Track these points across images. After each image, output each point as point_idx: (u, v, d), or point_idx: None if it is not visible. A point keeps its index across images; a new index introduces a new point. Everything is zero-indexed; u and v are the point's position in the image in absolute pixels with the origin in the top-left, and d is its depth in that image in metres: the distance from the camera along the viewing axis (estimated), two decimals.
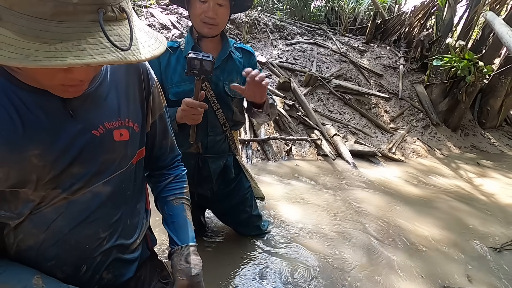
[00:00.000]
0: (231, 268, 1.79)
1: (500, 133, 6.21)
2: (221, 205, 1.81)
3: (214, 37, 1.41)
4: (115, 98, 0.71)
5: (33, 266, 0.68)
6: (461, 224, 2.67)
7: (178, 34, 4.56)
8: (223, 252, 1.92)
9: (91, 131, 0.66)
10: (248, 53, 1.54)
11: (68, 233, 0.67)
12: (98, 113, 0.68)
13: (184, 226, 0.84)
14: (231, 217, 1.90)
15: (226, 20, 1.39)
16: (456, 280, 1.94)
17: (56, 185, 0.64)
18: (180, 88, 1.42)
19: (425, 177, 3.80)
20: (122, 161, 0.73)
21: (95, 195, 0.69)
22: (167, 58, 1.44)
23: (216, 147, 1.57)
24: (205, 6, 1.29)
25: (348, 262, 1.96)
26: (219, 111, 1.49)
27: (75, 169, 0.65)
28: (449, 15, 6.17)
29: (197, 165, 1.57)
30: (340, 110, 4.96)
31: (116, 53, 0.47)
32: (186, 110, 1.26)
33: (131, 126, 0.74)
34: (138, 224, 0.83)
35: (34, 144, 0.59)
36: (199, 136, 1.47)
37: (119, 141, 0.71)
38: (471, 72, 4.96)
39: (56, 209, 0.65)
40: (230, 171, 1.65)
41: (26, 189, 0.61)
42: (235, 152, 1.66)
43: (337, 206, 2.71)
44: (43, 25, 0.44)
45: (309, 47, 5.86)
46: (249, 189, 1.80)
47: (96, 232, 0.71)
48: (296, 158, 3.87)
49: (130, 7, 0.55)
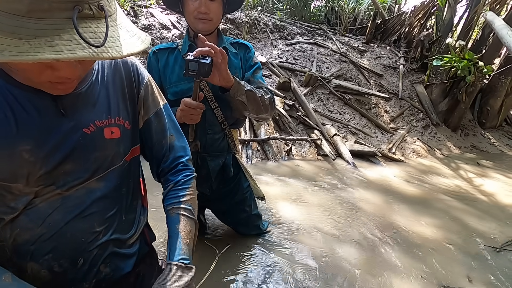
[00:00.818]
0: (228, 267, 1.80)
1: (500, 133, 6.21)
2: (220, 204, 1.81)
3: (210, 34, 1.42)
4: (106, 97, 0.73)
5: (30, 259, 0.70)
6: (461, 224, 2.67)
7: (178, 34, 4.56)
8: (221, 250, 1.92)
9: (82, 129, 0.68)
10: (244, 46, 1.54)
11: (63, 226, 0.69)
12: (89, 112, 0.70)
13: (174, 240, 0.79)
14: (231, 216, 1.90)
15: (220, 15, 1.40)
16: (456, 280, 1.94)
17: (49, 181, 0.66)
18: (178, 87, 1.43)
19: (425, 177, 3.80)
20: (115, 158, 0.75)
21: (89, 191, 0.71)
22: (165, 59, 1.45)
23: (215, 146, 1.57)
24: (197, 3, 1.32)
25: (347, 262, 1.96)
26: (217, 109, 1.49)
27: (67, 166, 0.67)
28: (449, 15, 6.17)
29: (196, 163, 1.58)
30: (340, 110, 4.96)
31: (89, 49, 0.48)
32: (184, 110, 1.28)
33: (121, 123, 0.75)
34: (134, 220, 0.84)
35: (26, 140, 0.62)
36: (197, 135, 1.48)
37: (110, 139, 0.72)
38: (471, 72, 4.96)
39: (50, 203, 0.67)
40: (229, 170, 1.66)
41: (18, 184, 0.63)
42: (234, 151, 1.67)
43: (337, 206, 2.71)
44: (19, 21, 0.45)
45: (309, 47, 5.86)
46: (249, 189, 1.80)
47: (91, 226, 0.72)
48: (296, 158, 3.87)
49: (114, 6, 0.56)
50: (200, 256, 1.79)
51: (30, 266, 0.70)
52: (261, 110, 1.46)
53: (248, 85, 1.40)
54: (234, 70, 1.47)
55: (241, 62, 1.53)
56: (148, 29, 4.44)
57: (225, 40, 1.51)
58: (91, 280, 0.76)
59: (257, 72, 1.55)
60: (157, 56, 1.46)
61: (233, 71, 1.45)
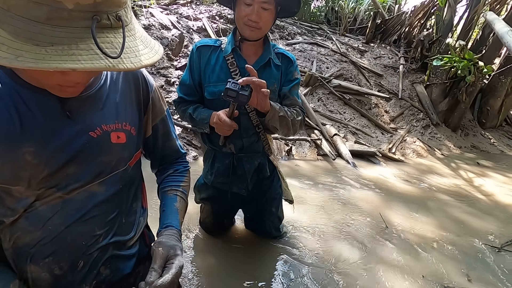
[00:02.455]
0: (228, 266, 1.80)
1: (500, 133, 6.21)
2: (253, 205, 1.80)
3: (256, 41, 1.39)
4: (114, 102, 0.74)
5: (31, 262, 0.70)
6: (461, 224, 2.67)
7: (178, 34, 4.56)
8: (221, 249, 1.92)
9: (88, 132, 0.68)
10: (287, 59, 1.50)
11: (64, 230, 0.69)
12: (96, 116, 0.70)
13: (173, 214, 0.87)
14: (258, 217, 1.89)
15: (270, 25, 1.36)
16: (456, 280, 1.94)
17: (51, 184, 0.65)
18: (216, 88, 1.41)
19: (425, 177, 3.80)
20: (119, 163, 0.76)
21: (91, 194, 0.71)
22: (207, 57, 1.43)
23: (250, 148, 1.57)
24: (249, 9, 1.28)
25: (347, 262, 1.96)
26: (253, 113, 1.47)
27: (71, 169, 0.67)
28: (449, 15, 6.17)
29: (232, 164, 1.59)
30: (340, 110, 4.96)
31: (105, 60, 0.48)
32: (218, 124, 1.32)
33: (128, 129, 0.76)
34: (134, 222, 0.85)
35: (29, 142, 0.61)
36: (231, 139, 1.49)
37: (116, 143, 0.73)
38: (471, 72, 4.96)
39: (51, 207, 0.67)
40: (265, 170, 1.66)
41: (18, 187, 0.63)
42: (268, 153, 1.66)
43: (337, 206, 2.71)
44: (37, 28, 0.45)
45: (309, 47, 5.86)
46: (280, 190, 1.79)
47: (92, 230, 0.73)
48: (296, 158, 3.87)
49: (130, 16, 0.55)
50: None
51: (31, 269, 0.70)
52: (290, 132, 1.48)
53: (282, 109, 1.39)
54: (272, 81, 1.44)
55: (281, 74, 1.49)
56: (148, 29, 4.44)
57: (271, 49, 1.47)
58: (91, 282, 0.77)
59: (295, 88, 1.52)
60: (200, 53, 1.43)
61: (271, 82, 1.43)
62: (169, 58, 4.34)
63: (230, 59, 1.40)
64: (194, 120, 1.45)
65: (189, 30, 4.96)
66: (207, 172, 1.66)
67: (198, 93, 1.49)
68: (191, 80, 1.46)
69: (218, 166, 1.61)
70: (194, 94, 1.49)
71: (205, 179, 1.69)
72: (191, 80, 1.46)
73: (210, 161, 1.63)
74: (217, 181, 1.63)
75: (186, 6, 5.53)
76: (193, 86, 1.46)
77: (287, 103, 1.49)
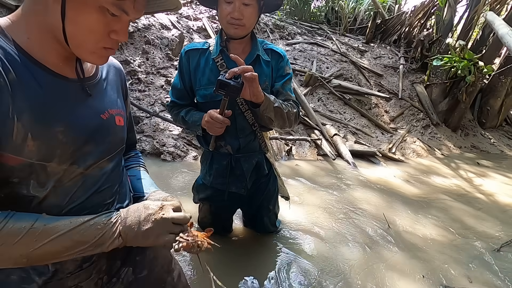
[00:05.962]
0: (228, 265, 1.80)
1: (500, 133, 6.22)
2: (252, 203, 1.80)
3: (243, 38, 1.39)
4: (110, 91, 0.86)
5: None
6: (461, 224, 2.68)
7: (178, 34, 4.56)
8: (221, 248, 1.92)
9: (100, 115, 0.79)
10: (277, 54, 1.50)
11: (84, 201, 0.79)
12: (103, 101, 0.81)
13: (153, 184, 0.99)
14: (256, 214, 1.91)
15: (254, 21, 1.36)
16: (456, 280, 1.94)
17: (73, 161, 0.74)
18: (207, 90, 1.42)
19: (425, 177, 3.80)
20: (121, 142, 0.89)
21: (102, 169, 0.82)
22: (196, 60, 1.44)
23: (247, 147, 1.57)
24: (230, 7, 1.28)
25: (347, 262, 1.97)
26: (248, 112, 1.47)
27: (88, 147, 0.76)
28: (449, 15, 6.18)
29: (230, 164, 1.59)
30: (340, 110, 4.96)
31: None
32: (209, 122, 1.32)
33: (123, 114, 0.89)
34: (127, 192, 0.98)
35: (59, 122, 0.70)
36: (227, 140, 1.50)
37: (119, 126, 0.85)
38: (471, 72, 4.97)
39: (75, 182, 0.77)
40: (263, 168, 1.66)
41: (52, 163, 0.70)
42: (265, 150, 1.66)
43: (337, 206, 2.72)
44: None
45: (309, 47, 5.86)
46: (276, 187, 1.80)
47: (104, 199, 0.84)
48: (296, 158, 3.87)
49: None
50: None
51: None
52: (286, 125, 1.46)
53: (276, 100, 1.38)
54: (264, 78, 1.44)
55: (272, 70, 1.49)
56: (148, 29, 4.44)
57: (259, 45, 1.46)
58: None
59: (287, 83, 1.51)
60: (188, 57, 1.44)
61: (262, 80, 1.42)
62: (169, 58, 4.33)
63: (220, 60, 1.41)
64: (186, 123, 1.48)
65: (189, 30, 4.96)
66: (205, 173, 1.67)
67: (189, 97, 1.51)
68: (182, 84, 1.48)
69: (216, 167, 1.61)
70: (185, 98, 1.51)
71: (204, 180, 1.69)
72: (182, 84, 1.48)
73: (208, 162, 1.64)
74: (216, 181, 1.63)
75: (186, 6, 5.53)
76: (184, 90, 1.48)
77: (281, 99, 1.48)
